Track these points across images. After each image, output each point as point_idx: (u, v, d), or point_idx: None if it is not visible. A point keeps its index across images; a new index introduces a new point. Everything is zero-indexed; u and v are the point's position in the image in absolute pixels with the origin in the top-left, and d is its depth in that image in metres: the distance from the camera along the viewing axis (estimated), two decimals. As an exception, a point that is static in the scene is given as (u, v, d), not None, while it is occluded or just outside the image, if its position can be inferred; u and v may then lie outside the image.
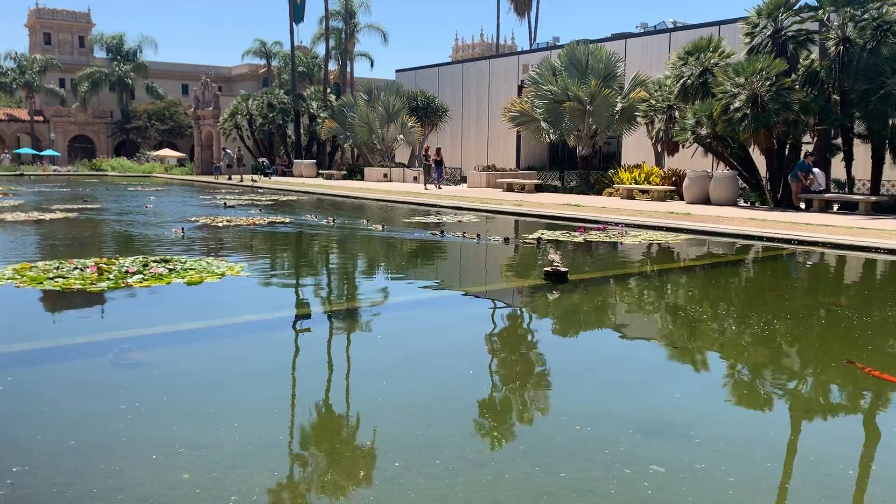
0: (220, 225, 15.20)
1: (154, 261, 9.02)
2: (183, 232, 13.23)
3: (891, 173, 19.27)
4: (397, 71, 46.05)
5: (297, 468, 3.53)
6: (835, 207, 18.87)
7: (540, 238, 12.58)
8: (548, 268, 8.54)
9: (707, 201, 20.75)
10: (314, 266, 10.96)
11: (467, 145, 40.64)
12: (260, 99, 45.92)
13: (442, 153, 31.42)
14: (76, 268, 8.43)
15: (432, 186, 29.82)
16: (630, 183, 23.77)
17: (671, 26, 32.59)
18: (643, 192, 22.99)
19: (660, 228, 14.56)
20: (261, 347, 5.77)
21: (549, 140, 28.35)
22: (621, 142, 31.52)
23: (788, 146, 19.80)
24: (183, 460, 3.47)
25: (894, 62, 17.11)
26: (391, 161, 39.62)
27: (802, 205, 19.08)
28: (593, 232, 13.79)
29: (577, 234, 13.31)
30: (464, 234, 13.13)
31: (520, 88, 34.81)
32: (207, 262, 9.20)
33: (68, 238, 13.34)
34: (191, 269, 8.59)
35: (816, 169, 19.00)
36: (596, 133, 26.40)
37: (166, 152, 61.93)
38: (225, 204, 21.51)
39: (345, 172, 40.95)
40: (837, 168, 20.36)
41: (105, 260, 9.03)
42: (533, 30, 53.48)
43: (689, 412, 4.33)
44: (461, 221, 16.60)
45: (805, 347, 6.13)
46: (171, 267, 8.65)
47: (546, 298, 7.92)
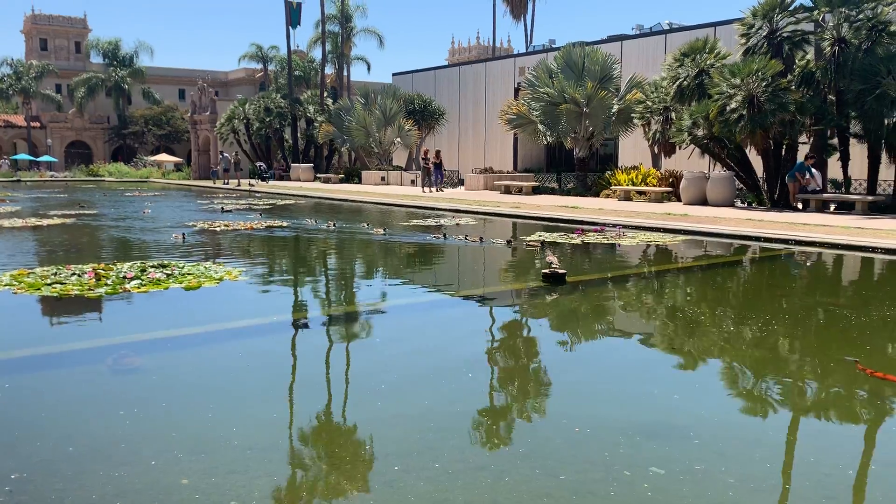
0: (219, 230, 15.19)
1: (152, 266, 9.01)
2: (183, 237, 13.18)
3: (887, 173, 19.29)
4: (394, 74, 46.07)
5: (297, 472, 3.52)
6: (832, 207, 18.90)
7: (544, 241, 12.56)
8: (546, 270, 8.54)
9: (704, 202, 20.77)
10: (317, 270, 10.95)
11: (464, 148, 40.68)
12: (257, 103, 45.93)
13: (441, 156, 31.40)
14: (74, 273, 8.42)
15: (431, 189, 29.82)
16: (627, 184, 23.80)
17: (667, 28, 32.63)
18: (640, 194, 23.02)
19: (657, 230, 14.57)
20: (259, 352, 5.76)
21: (546, 142, 28.39)
22: (618, 143, 31.55)
23: (785, 146, 19.84)
24: (182, 466, 3.46)
25: (889, 62, 17.16)
26: (388, 164, 39.64)
27: (799, 205, 19.12)
28: (591, 233, 13.80)
29: (575, 236, 13.31)
30: (466, 238, 13.09)
31: (516, 91, 34.86)
32: (205, 267, 9.19)
33: (66, 244, 13.32)
34: (189, 274, 8.59)
35: (813, 169, 19.05)
36: (593, 135, 26.44)
37: (163, 157, 61.91)
38: (222, 209, 21.48)
39: (342, 176, 40.96)
40: (834, 168, 20.41)
41: (103, 265, 9.02)
42: (529, 32, 53.52)
43: (689, 413, 4.33)
44: (459, 224, 16.60)
45: (803, 348, 6.13)
46: (169, 272, 8.64)
47: (544, 300, 7.92)
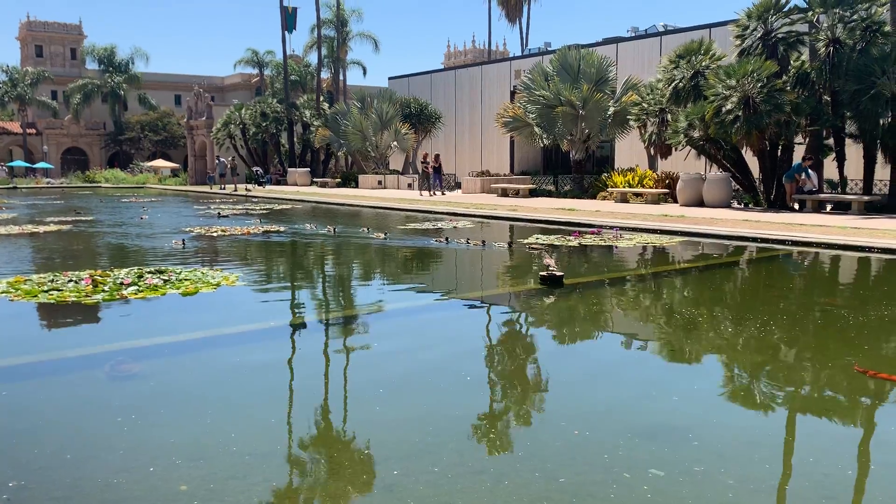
0: (216, 235, 15.16)
1: (149, 272, 8.99)
2: (183, 243, 13.04)
3: (883, 172, 19.35)
4: (390, 78, 46.13)
5: (296, 477, 3.51)
6: (828, 208, 18.95)
7: (550, 244, 12.51)
8: (543, 272, 8.54)
9: (701, 203, 20.80)
10: (318, 275, 10.94)
11: (461, 151, 40.71)
12: (253, 108, 45.92)
13: (441, 159, 31.30)
14: (71, 280, 8.40)
15: (431, 193, 29.75)
16: (624, 186, 23.83)
17: (662, 30, 32.74)
18: (637, 196, 23.05)
19: (654, 231, 14.59)
20: (258, 357, 5.75)
21: (543, 145, 28.43)
22: (614, 145, 31.60)
23: (781, 147, 19.89)
24: (180, 472, 3.45)
25: (884, 62, 17.22)
26: (385, 168, 39.66)
27: (796, 205, 19.16)
28: (588, 236, 13.81)
29: (572, 239, 13.32)
30: (468, 241, 13.03)
31: (512, 94, 34.90)
32: (203, 273, 9.18)
33: (63, 251, 13.30)
34: (186, 280, 8.57)
35: (809, 170, 19.09)
36: (589, 137, 26.47)
37: (160, 163, 61.83)
38: (219, 214, 21.46)
39: (339, 180, 40.96)
40: (829, 168, 20.46)
41: (100, 272, 9.00)
42: (524, 35, 53.62)
43: (688, 415, 4.33)
44: (456, 227, 16.60)
45: (801, 348, 6.13)
46: (167, 278, 8.62)
47: (542, 303, 7.92)
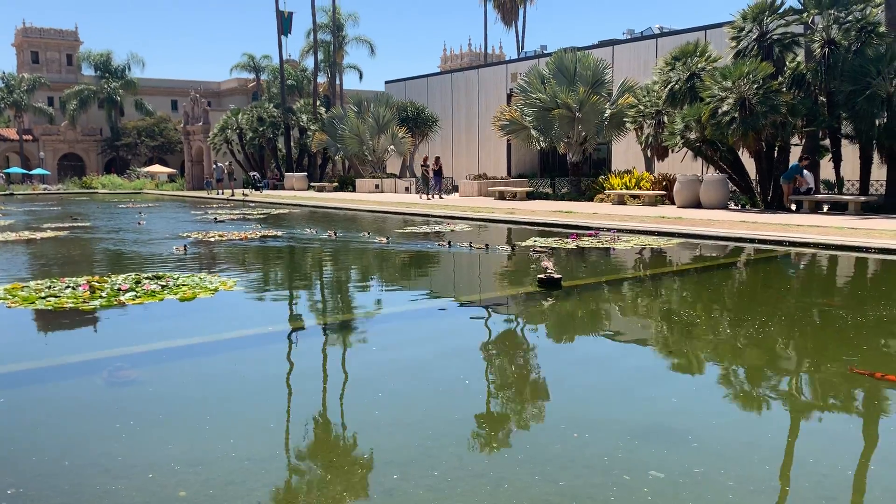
0: (214, 240, 15.13)
1: (147, 277, 8.98)
2: (185, 249, 12.94)
3: (879, 173, 19.40)
4: (387, 82, 46.17)
5: (295, 483, 3.50)
6: (825, 208, 18.98)
7: (554, 247, 12.46)
8: (541, 275, 8.54)
9: (698, 205, 20.84)
10: (321, 280, 10.93)
11: (458, 154, 40.74)
12: (249, 113, 45.94)
13: (441, 162, 31.20)
14: (68, 286, 8.39)
15: (432, 196, 29.66)
16: (621, 188, 23.87)
17: (658, 32, 32.75)
18: (634, 198, 23.08)
19: (652, 233, 14.60)
20: (256, 362, 5.74)
21: (540, 147, 28.46)
22: (611, 148, 31.64)
23: (777, 148, 19.93)
24: (179, 478, 3.44)
25: (879, 63, 17.27)
26: (382, 172, 39.67)
27: (793, 206, 19.20)
28: (585, 238, 13.82)
29: (570, 241, 13.33)
30: (471, 245, 12.98)
31: (509, 97, 34.94)
32: (200, 278, 9.17)
33: (60, 257, 13.27)
34: (184, 285, 8.56)
35: (805, 171, 19.13)
36: (586, 139, 26.51)
37: (156, 168, 61.84)
38: (215, 219, 21.45)
39: (336, 184, 40.96)
40: (826, 169, 20.50)
41: (97, 278, 8.99)
42: (520, 38, 53.77)
43: (687, 417, 4.33)
44: (454, 230, 16.60)
45: (800, 349, 6.14)
46: (164, 283, 8.61)
47: (540, 305, 7.92)
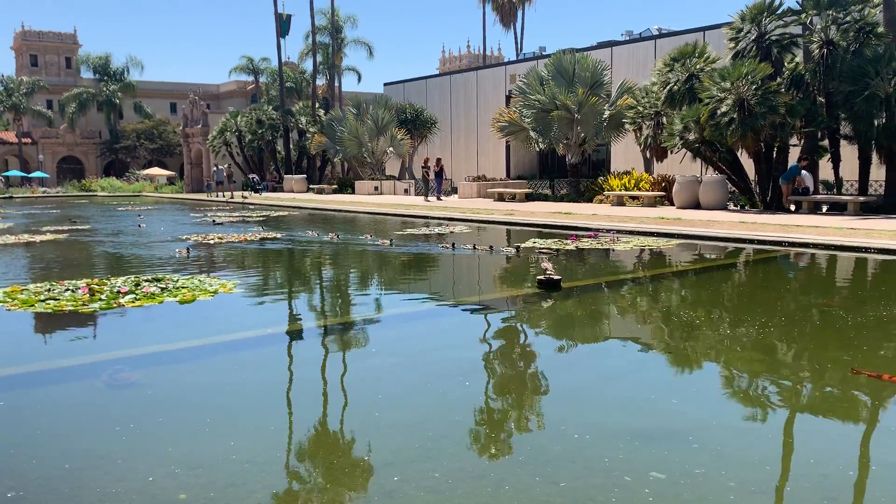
0: (216, 242, 15.10)
1: (146, 280, 8.98)
2: (188, 252, 12.85)
3: (878, 173, 19.42)
4: (385, 84, 46.18)
5: (296, 484, 3.50)
6: (824, 209, 19.00)
7: (559, 249, 12.43)
8: (541, 276, 8.53)
9: (697, 206, 20.85)
10: (325, 282, 10.93)
11: (457, 156, 40.75)
12: (248, 115, 45.95)
13: (442, 164, 31.04)
14: (68, 289, 8.38)
15: (433, 198, 29.62)
16: (620, 189, 23.88)
17: (656, 33, 32.79)
18: (633, 199, 23.09)
19: (651, 234, 14.61)
20: (256, 364, 5.73)
21: (539, 149, 28.48)
22: (610, 149, 31.66)
23: (776, 149, 19.95)
24: (179, 481, 3.44)
25: (877, 63, 17.28)
26: (381, 174, 39.68)
27: (792, 207, 19.20)
28: (585, 239, 13.81)
29: (569, 242, 13.33)
30: (475, 247, 12.92)
31: (508, 98, 34.97)
32: (200, 280, 9.16)
33: (59, 260, 13.26)
34: (183, 288, 8.56)
35: (804, 171, 19.15)
36: (585, 141, 26.52)
37: (156, 171, 61.82)
38: (213, 221, 21.44)
39: (335, 186, 40.97)
40: (825, 169, 20.52)
41: (97, 281, 8.98)
42: (519, 40, 53.79)
43: (687, 418, 4.32)
44: (453, 232, 16.61)
45: (800, 349, 6.13)
46: (164, 286, 8.61)
47: (540, 307, 7.91)
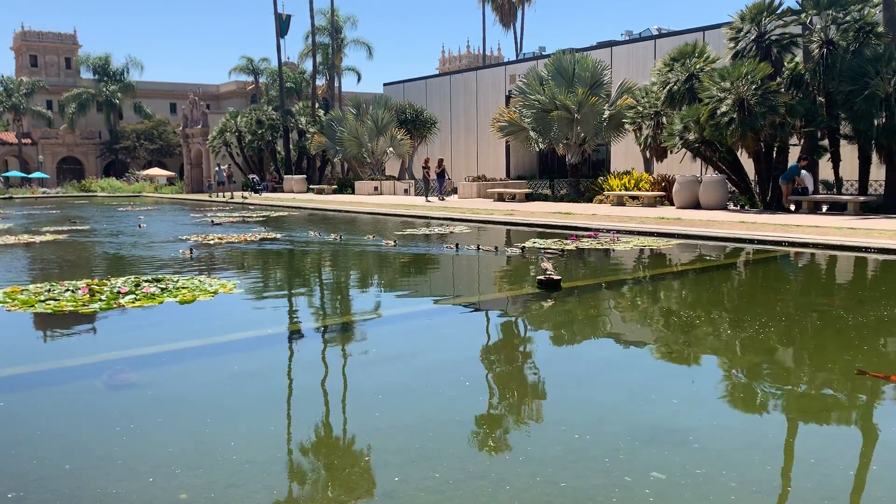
0: (219, 243, 15.07)
1: (146, 280, 8.97)
2: (191, 252, 12.77)
3: (878, 173, 19.42)
4: (385, 84, 46.18)
5: (296, 485, 3.50)
6: (824, 208, 18.99)
7: (564, 250, 12.42)
8: (541, 276, 8.53)
9: (697, 206, 20.84)
10: (328, 282, 10.92)
11: (457, 156, 40.75)
12: (248, 116, 45.94)
13: (444, 164, 30.82)
14: (68, 290, 8.38)
15: (434, 198, 29.50)
16: (620, 189, 23.88)
17: (656, 33, 32.79)
18: (633, 199, 23.09)
19: (651, 234, 14.60)
20: (256, 364, 5.73)
21: (539, 149, 28.47)
22: (610, 149, 31.66)
23: (776, 149, 19.95)
24: (180, 481, 3.44)
25: (877, 63, 17.28)
26: (381, 174, 39.67)
27: (792, 207, 19.20)
28: (585, 239, 13.81)
29: (569, 242, 13.32)
30: (479, 247, 12.89)
31: (507, 98, 34.96)
32: (200, 281, 9.16)
33: (59, 260, 13.26)
34: (183, 288, 8.55)
35: (804, 171, 19.15)
36: (584, 141, 26.52)
37: (155, 171, 61.82)
38: (212, 221, 21.44)
39: (335, 187, 40.97)
40: (825, 169, 20.52)
41: (97, 281, 8.98)
42: (519, 40, 53.79)
43: (687, 418, 4.32)
44: (453, 232, 16.60)
45: (800, 349, 6.13)
46: (164, 286, 8.60)
47: (540, 307, 7.91)
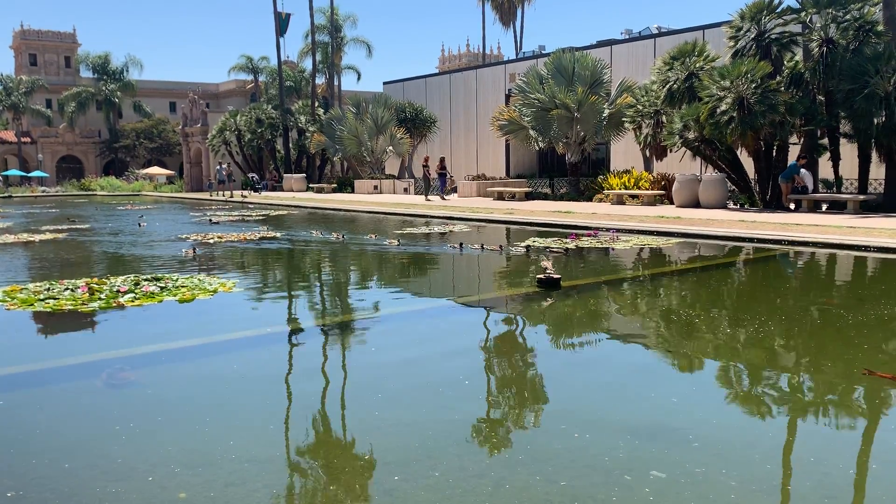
0: (218, 242, 15.06)
1: (145, 279, 8.97)
2: (194, 252, 12.71)
3: (877, 172, 19.41)
4: (385, 83, 46.16)
5: (296, 484, 3.50)
6: (823, 207, 18.99)
7: (568, 248, 12.39)
8: (540, 275, 8.53)
9: (697, 204, 20.84)
10: (321, 281, 10.92)
11: (456, 155, 40.74)
12: (248, 114, 45.91)
13: (445, 163, 30.65)
14: (67, 288, 8.37)
15: (435, 197, 29.37)
16: (620, 188, 23.87)
17: (656, 32, 32.79)
18: (633, 197, 23.08)
19: (651, 233, 14.60)
20: (255, 363, 5.73)
21: (538, 148, 28.46)
22: (610, 148, 31.65)
23: (776, 147, 19.94)
24: (179, 480, 3.43)
25: (877, 61, 17.28)
26: (381, 173, 39.66)
27: (791, 205, 19.20)
28: (585, 238, 13.81)
29: (569, 241, 13.32)
30: (482, 246, 12.82)
31: (507, 97, 34.95)
32: (199, 280, 9.15)
33: (58, 259, 13.25)
34: (183, 287, 8.55)
35: (803, 169, 19.14)
36: (584, 140, 26.52)
37: (155, 170, 61.82)
38: (210, 220, 21.43)
39: (335, 185, 40.96)
40: (825, 168, 20.51)
41: (96, 280, 8.97)
42: (518, 39, 53.78)
43: (687, 416, 4.32)
44: (453, 231, 16.61)
45: (800, 347, 6.13)
46: (163, 285, 8.60)
47: (540, 306, 7.91)
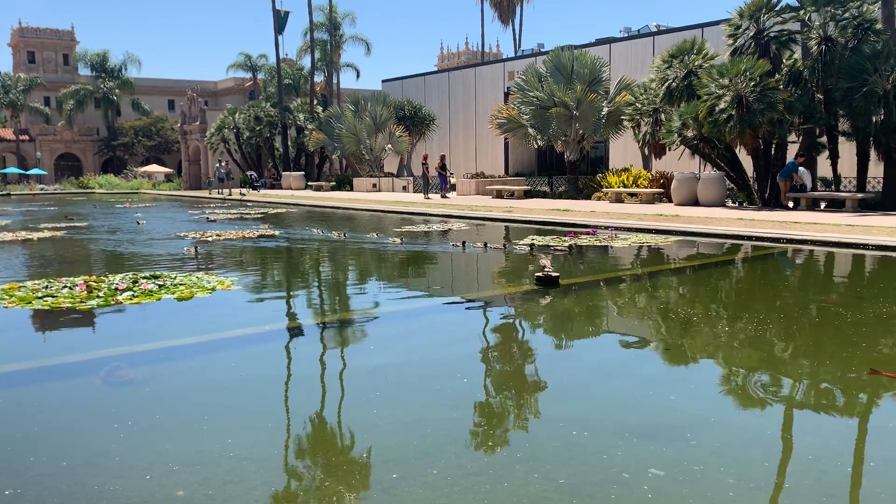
0: (213, 239, 15.06)
1: (144, 277, 8.96)
2: (196, 249, 12.67)
3: (876, 170, 19.42)
4: (384, 81, 46.14)
5: (294, 482, 3.50)
6: (822, 205, 19.01)
7: (572, 246, 12.37)
8: (539, 273, 8.53)
9: (695, 203, 20.84)
10: (319, 279, 10.92)
11: (455, 153, 40.73)
12: (246, 112, 45.87)
13: (445, 161, 30.56)
14: (65, 286, 8.36)
15: (435, 195, 29.25)
16: (618, 186, 23.87)
17: (654, 30, 32.80)
18: (632, 196, 23.08)
19: (649, 231, 14.61)
20: (254, 361, 5.73)
21: (537, 146, 28.45)
22: (608, 146, 31.66)
23: (774, 146, 19.95)
24: (177, 478, 3.43)
25: (876, 60, 17.28)
26: (380, 171, 39.63)
27: (790, 204, 19.21)
28: (583, 236, 13.81)
29: (568, 239, 13.33)
30: (486, 245, 12.78)
31: (506, 95, 34.94)
32: (198, 277, 9.15)
33: (57, 257, 13.24)
34: (181, 285, 8.54)
35: (802, 167, 19.15)
36: (583, 138, 26.51)
37: (154, 168, 61.78)
38: (208, 218, 21.41)
39: (334, 183, 40.94)
40: (823, 166, 20.52)
41: (94, 278, 8.96)
42: (517, 37, 53.78)
43: (685, 414, 4.33)
44: (452, 229, 16.60)
45: (798, 346, 6.13)
46: (161, 283, 8.59)
47: (538, 304, 7.91)
